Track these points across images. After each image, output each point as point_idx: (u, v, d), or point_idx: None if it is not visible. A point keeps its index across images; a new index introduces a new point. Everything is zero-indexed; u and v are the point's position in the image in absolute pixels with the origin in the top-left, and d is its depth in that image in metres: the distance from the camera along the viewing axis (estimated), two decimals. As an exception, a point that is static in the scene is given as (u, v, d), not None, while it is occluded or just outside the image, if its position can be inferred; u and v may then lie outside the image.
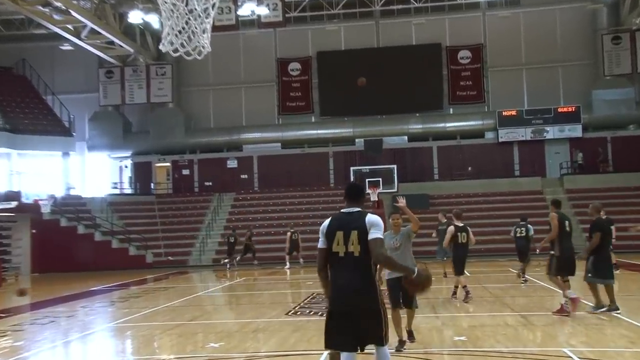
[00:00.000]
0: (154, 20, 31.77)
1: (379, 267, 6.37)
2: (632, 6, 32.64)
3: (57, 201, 31.60)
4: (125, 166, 38.11)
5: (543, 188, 32.65)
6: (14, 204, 28.36)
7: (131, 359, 9.64)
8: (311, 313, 12.65)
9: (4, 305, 16.73)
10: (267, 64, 37.44)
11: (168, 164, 37.54)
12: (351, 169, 33.15)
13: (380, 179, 31.75)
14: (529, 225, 17.40)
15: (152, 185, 37.44)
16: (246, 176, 36.71)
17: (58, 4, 28.37)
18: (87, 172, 38.26)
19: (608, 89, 34.36)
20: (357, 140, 36.22)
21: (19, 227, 29.97)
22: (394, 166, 32.91)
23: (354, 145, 36.27)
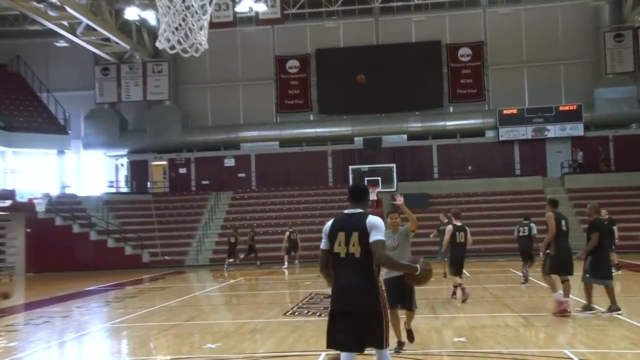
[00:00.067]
0: (150, 17, 31.70)
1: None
2: (635, 3, 32.49)
3: (52, 200, 31.47)
4: (122, 164, 38.01)
5: (544, 187, 32.44)
6: (8, 203, 28.51)
7: (127, 359, 9.62)
8: (309, 313, 12.64)
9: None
10: (265, 62, 37.22)
11: (165, 162, 37.36)
12: (350, 167, 32.97)
13: (380, 178, 31.59)
14: (532, 224, 17.11)
15: (149, 183, 37.28)
16: (244, 175, 36.55)
17: (53, 0, 28.07)
18: (83, 171, 38.03)
19: (610, 87, 34.15)
20: (356, 138, 36.04)
21: (14, 226, 29.95)
22: (393, 165, 32.68)
23: (353, 143, 36.09)
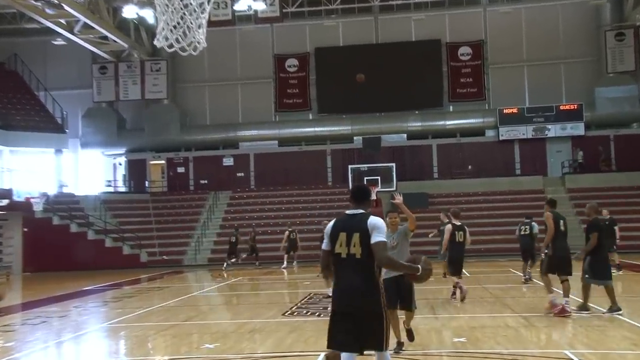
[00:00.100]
0: (148, 15, 31.53)
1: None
2: (636, 2, 32.36)
3: (50, 199, 31.40)
4: (119, 164, 37.87)
5: (544, 187, 32.32)
6: (5, 202, 28.45)
7: None
8: (308, 313, 12.59)
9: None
10: (264, 60, 37.05)
11: (163, 161, 37.23)
12: (349, 167, 32.85)
13: (379, 178, 31.49)
14: (533, 223, 16.98)
15: (147, 183, 37.14)
16: (242, 174, 36.40)
17: (50, -2, 27.96)
18: (80, 170, 37.94)
19: (611, 86, 33.97)
20: (356, 138, 35.91)
21: (10, 226, 29.95)
22: (393, 164, 32.52)
23: (352, 143, 35.96)
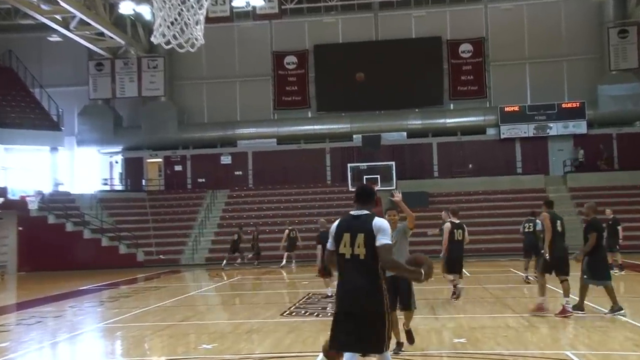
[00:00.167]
0: (145, 11, 31.38)
1: None
2: (640, -2, 32.00)
3: (45, 197, 31.24)
4: (116, 162, 37.70)
5: (546, 186, 32.12)
6: (0, 201, 28.02)
7: (121, 360, 9.62)
8: (307, 314, 12.58)
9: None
10: (263, 57, 36.82)
11: (160, 159, 37.03)
12: (348, 165, 32.64)
13: (379, 176, 31.30)
14: (537, 220, 16.62)
15: (144, 181, 36.97)
16: (240, 172, 36.21)
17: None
18: (76, 168, 37.79)
19: (614, 84, 33.69)
20: (355, 136, 35.71)
21: (5, 224, 29.78)
22: (393, 163, 32.32)
23: (352, 141, 35.76)
